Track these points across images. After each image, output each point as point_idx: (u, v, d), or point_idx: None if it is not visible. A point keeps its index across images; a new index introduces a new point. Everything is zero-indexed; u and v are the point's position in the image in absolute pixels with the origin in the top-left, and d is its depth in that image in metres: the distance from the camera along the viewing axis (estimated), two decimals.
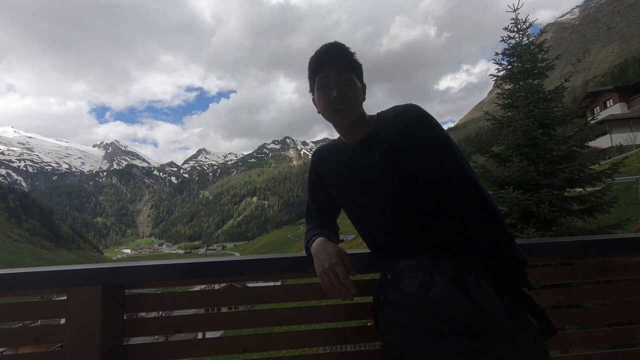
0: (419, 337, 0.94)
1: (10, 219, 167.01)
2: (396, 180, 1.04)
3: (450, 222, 1.02)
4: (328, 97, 1.08)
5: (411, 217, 1.03)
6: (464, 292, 0.92)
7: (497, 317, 0.89)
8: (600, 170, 7.03)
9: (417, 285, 0.98)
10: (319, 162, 1.24)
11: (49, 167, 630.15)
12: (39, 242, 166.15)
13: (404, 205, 1.04)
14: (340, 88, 1.07)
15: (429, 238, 1.02)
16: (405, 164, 1.03)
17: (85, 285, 1.14)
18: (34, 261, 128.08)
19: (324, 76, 1.09)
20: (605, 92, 33.49)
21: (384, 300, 1.07)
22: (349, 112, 1.08)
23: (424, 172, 1.02)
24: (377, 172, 1.07)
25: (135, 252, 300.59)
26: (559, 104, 7.35)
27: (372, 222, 1.11)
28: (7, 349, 8.32)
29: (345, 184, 1.15)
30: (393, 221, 1.06)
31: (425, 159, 1.02)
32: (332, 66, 1.08)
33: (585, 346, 1.32)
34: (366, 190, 1.10)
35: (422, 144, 1.02)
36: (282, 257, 1.25)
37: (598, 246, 1.34)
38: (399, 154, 1.04)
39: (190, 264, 1.22)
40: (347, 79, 1.08)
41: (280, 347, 1.23)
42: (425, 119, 1.04)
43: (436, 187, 1.01)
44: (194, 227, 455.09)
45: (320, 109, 1.13)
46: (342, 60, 1.09)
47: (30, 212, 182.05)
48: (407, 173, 1.03)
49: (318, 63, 1.10)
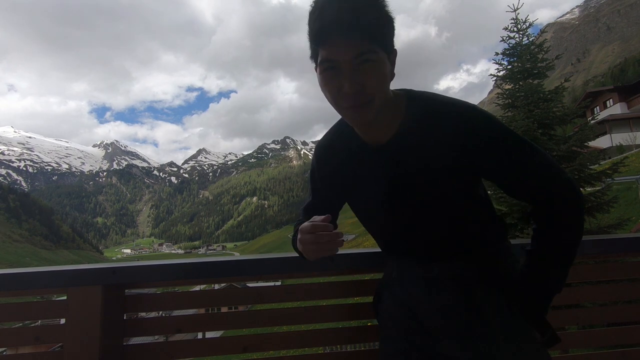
0: (418, 336, 0.92)
1: (10, 219, 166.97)
2: (432, 192, 0.86)
3: (472, 229, 0.93)
4: (336, 87, 0.76)
5: (435, 227, 0.92)
6: (472, 302, 0.88)
7: (501, 329, 0.85)
8: (600, 170, 7.04)
9: (423, 286, 0.94)
10: (323, 161, 1.01)
11: (49, 167, 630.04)
12: (39, 242, 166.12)
13: (430, 216, 0.90)
14: (356, 76, 0.73)
15: (447, 245, 0.93)
16: (449, 176, 0.84)
17: (85, 285, 1.14)
18: (34, 261, 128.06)
19: (331, 56, 0.73)
20: (605, 92, 33.48)
21: (387, 294, 1.03)
22: (366, 111, 0.77)
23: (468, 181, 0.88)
24: (408, 185, 0.87)
25: (135, 252, 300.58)
26: (559, 104, 7.35)
27: (386, 231, 1.00)
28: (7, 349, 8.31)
29: (357, 190, 0.96)
30: (412, 230, 0.94)
31: (491, 169, 0.85)
32: (345, 38, 0.71)
33: (585, 346, 1.32)
34: (386, 201, 0.91)
35: (486, 156, 0.82)
36: (282, 257, 1.25)
37: (598, 246, 1.34)
38: (447, 165, 0.83)
39: (190, 264, 1.21)
40: (367, 59, 0.73)
41: (280, 347, 1.23)
42: (492, 126, 0.82)
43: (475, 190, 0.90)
44: (194, 227, 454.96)
45: (324, 95, 0.81)
46: (363, 25, 0.70)
47: (30, 212, 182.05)
48: (446, 184, 0.85)
49: (322, 28, 0.73)
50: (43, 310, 1.19)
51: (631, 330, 1.33)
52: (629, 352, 1.33)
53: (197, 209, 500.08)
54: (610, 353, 1.33)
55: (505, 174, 0.85)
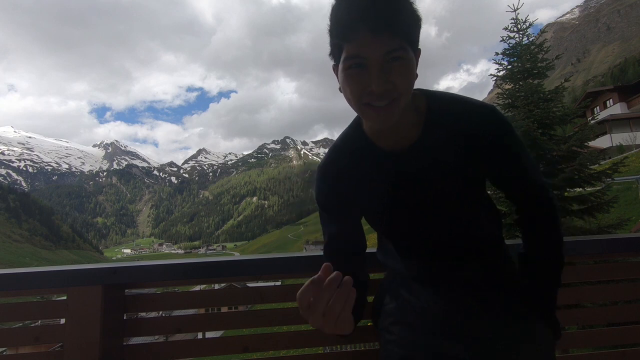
0: (427, 337, 0.89)
1: (10, 219, 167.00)
2: (448, 195, 0.86)
3: (481, 229, 0.94)
4: (361, 86, 0.70)
5: (448, 227, 0.91)
6: (480, 303, 0.88)
7: (508, 330, 0.86)
8: (600, 170, 7.04)
9: (430, 287, 0.93)
10: (336, 178, 0.90)
11: (49, 167, 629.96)
12: (39, 242, 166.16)
13: (445, 215, 0.89)
14: (385, 74, 0.69)
15: (457, 245, 0.92)
16: (464, 178, 0.85)
17: (85, 285, 1.14)
18: (34, 261, 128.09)
19: (359, 53, 0.68)
20: (605, 92, 33.49)
21: (390, 297, 1.01)
22: (390, 110, 0.72)
23: (480, 180, 0.89)
24: (423, 188, 0.86)
25: (135, 252, 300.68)
26: (559, 104, 7.35)
27: (399, 231, 0.96)
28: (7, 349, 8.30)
29: (375, 207, 0.91)
30: (425, 230, 0.92)
31: (499, 169, 0.87)
32: (376, 35, 0.66)
33: (585, 346, 1.32)
34: (401, 204, 0.88)
35: (497, 156, 0.83)
36: (282, 257, 1.25)
37: (598, 246, 1.34)
38: (462, 165, 0.83)
39: (190, 264, 1.21)
40: (398, 56, 0.69)
41: (280, 347, 1.23)
42: (506, 129, 0.83)
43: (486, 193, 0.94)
44: (194, 227, 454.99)
45: (344, 94, 0.75)
46: (395, 24, 0.66)
47: (30, 212, 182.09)
48: (461, 185, 0.86)
49: (351, 22, 0.67)
50: (43, 310, 1.19)
51: (631, 330, 1.33)
52: (629, 352, 1.33)
53: (197, 209, 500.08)
54: (610, 353, 1.33)
55: (505, 175, 0.90)
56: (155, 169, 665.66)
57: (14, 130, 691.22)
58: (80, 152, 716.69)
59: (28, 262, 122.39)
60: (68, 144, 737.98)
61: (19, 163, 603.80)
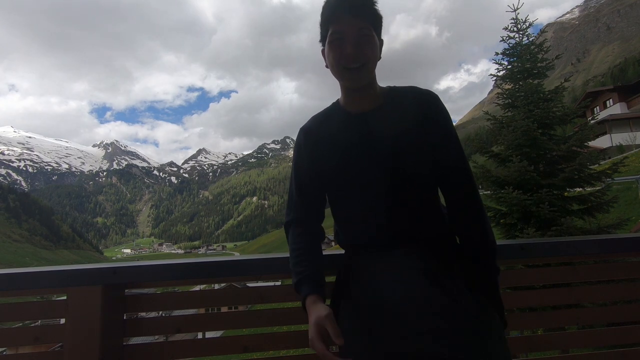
0: (385, 328, 0.90)
1: (10, 219, 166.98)
2: (402, 156, 0.99)
3: (434, 213, 1.03)
4: (340, 51, 0.97)
5: (408, 197, 1.00)
6: (440, 290, 0.91)
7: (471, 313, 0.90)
8: (600, 170, 7.03)
9: (390, 276, 0.95)
10: (309, 141, 1.10)
11: (49, 167, 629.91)
12: (39, 242, 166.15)
13: (404, 183, 1.00)
14: (357, 43, 0.96)
15: (419, 227, 1.00)
16: (415, 144, 1.00)
17: (85, 285, 1.14)
18: (34, 261, 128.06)
19: (340, 29, 0.97)
20: (605, 92, 33.47)
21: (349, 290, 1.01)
22: (361, 73, 0.99)
23: (428, 155, 1.01)
24: (382, 145, 1.01)
25: (135, 252, 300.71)
26: (559, 104, 7.35)
27: (364, 202, 1.02)
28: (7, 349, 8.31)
29: (340, 158, 1.04)
30: (389, 198, 0.99)
31: (435, 143, 1.01)
32: (351, 17, 0.96)
33: (585, 346, 1.32)
34: (365, 164, 1.01)
35: (436, 129, 1.01)
36: (282, 257, 1.25)
37: (598, 246, 1.34)
38: (413, 131, 1.00)
39: (190, 264, 1.22)
40: (366, 34, 0.97)
41: (280, 347, 1.24)
42: (444, 109, 1.05)
43: (433, 174, 1.02)
44: (194, 227, 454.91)
45: (329, 63, 1.02)
46: (363, 10, 0.97)
47: (30, 212, 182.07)
48: (414, 151, 1.00)
49: (334, 10, 0.98)
50: (43, 310, 1.19)
51: (631, 330, 1.33)
52: (628, 352, 1.33)
53: (197, 209, 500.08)
54: (610, 353, 1.33)
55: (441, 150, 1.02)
56: (155, 168, 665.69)
57: (13, 130, 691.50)
58: (80, 152, 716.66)
59: (28, 262, 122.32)
60: (68, 144, 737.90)
61: (18, 163, 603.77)
